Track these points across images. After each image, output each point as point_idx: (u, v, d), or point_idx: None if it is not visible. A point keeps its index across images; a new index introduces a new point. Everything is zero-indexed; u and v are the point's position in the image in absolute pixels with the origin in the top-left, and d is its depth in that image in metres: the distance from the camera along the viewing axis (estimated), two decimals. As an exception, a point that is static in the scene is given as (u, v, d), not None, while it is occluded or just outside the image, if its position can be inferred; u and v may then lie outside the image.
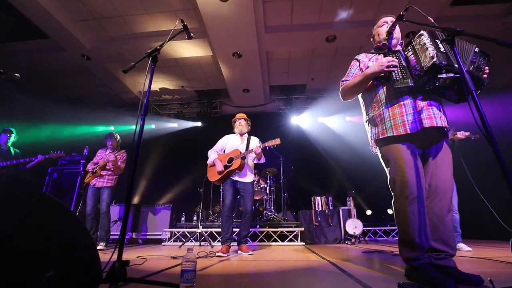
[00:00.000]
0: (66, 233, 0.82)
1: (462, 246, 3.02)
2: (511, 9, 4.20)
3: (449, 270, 1.39)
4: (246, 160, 3.21)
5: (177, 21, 1.75)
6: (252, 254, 2.90)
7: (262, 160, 3.20)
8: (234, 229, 4.10)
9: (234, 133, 3.46)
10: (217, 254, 2.75)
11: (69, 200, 4.53)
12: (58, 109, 6.77)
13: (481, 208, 4.88)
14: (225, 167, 3.13)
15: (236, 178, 3.15)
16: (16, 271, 0.64)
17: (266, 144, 3.06)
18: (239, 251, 3.01)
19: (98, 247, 3.51)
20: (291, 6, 4.26)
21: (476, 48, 1.40)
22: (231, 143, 3.36)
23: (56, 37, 4.67)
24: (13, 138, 3.94)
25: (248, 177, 3.20)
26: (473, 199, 3.78)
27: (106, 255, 1.27)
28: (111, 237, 3.95)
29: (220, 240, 3.05)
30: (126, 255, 2.87)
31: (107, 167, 3.88)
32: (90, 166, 4.00)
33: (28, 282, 0.65)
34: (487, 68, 1.42)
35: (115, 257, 1.17)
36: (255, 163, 3.34)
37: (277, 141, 3.00)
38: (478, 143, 3.21)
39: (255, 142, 3.28)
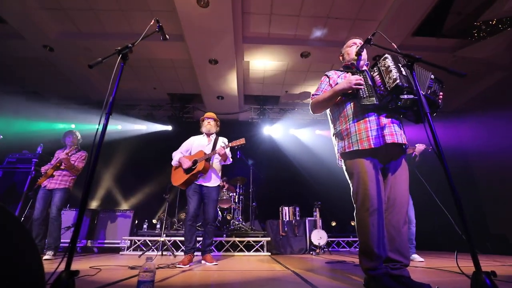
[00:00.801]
0: (1, 238, 0.73)
1: (415, 257, 3.23)
2: (461, 44, 4.76)
3: (403, 279, 1.47)
4: (211, 162, 3.08)
5: (153, 20, 1.70)
6: (216, 264, 2.79)
7: (228, 162, 3.10)
8: (199, 238, 3.95)
9: (201, 133, 3.31)
10: (177, 265, 2.57)
11: (16, 203, 4.05)
12: (10, 101, 6.13)
13: (432, 221, 5.32)
14: (189, 170, 2.97)
15: (200, 182, 3.00)
16: None
17: (230, 144, 2.97)
18: (203, 261, 2.89)
19: (45, 257, 3.16)
20: (269, 19, 4.39)
21: (432, 75, 1.56)
22: (197, 144, 3.20)
23: (15, 23, 4.27)
24: None
25: (213, 181, 3.05)
26: (426, 213, 4.10)
27: (53, 265, 1.15)
28: (61, 245, 3.59)
29: (184, 249, 2.90)
30: (77, 265, 2.63)
31: (62, 166, 3.55)
32: (44, 168, 3.65)
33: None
34: (441, 93, 1.58)
35: (62, 266, 1.06)
36: (222, 165, 3.23)
37: (241, 141, 2.94)
38: (434, 163, 3.49)
39: (221, 143, 3.16)
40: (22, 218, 3.84)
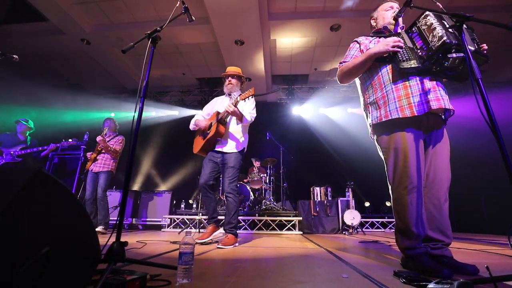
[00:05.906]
0: (62, 212, 0.82)
1: None
2: (521, 0, 4.09)
3: (444, 259, 1.40)
4: (228, 124, 2.64)
5: (178, 2, 1.70)
6: (234, 246, 2.32)
7: (245, 121, 2.56)
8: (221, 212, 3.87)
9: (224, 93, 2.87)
10: (197, 240, 2.32)
11: (70, 186, 4.56)
12: (58, 94, 6.73)
13: (478, 202, 4.92)
14: (205, 135, 2.63)
15: (218, 147, 2.62)
16: (10, 247, 0.64)
17: (239, 98, 2.41)
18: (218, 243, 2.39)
19: (97, 229, 3.55)
20: (295, -8, 4.15)
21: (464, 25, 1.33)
22: (218, 105, 2.77)
23: (55, 20, 4.58)
24: (29, 128, 4.08)
25: (229, 146, 2.58)
26: (470, 193, 3.79)
27: (104, 238, 1.28)
28: (111, 222, 3.99)
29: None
30: (125, 239, 2.88)
31: (103, 151, 3.89)
32: (89, 154, 4.04)
33: (23, 258, 0.65)
34: (483, 45, 1.35)
35: (113, 239, 1.17)
36: (243, 126, 2.68)
37: (250, 92, 2.35)
38: (475, 136, 3.14)
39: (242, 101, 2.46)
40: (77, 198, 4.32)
